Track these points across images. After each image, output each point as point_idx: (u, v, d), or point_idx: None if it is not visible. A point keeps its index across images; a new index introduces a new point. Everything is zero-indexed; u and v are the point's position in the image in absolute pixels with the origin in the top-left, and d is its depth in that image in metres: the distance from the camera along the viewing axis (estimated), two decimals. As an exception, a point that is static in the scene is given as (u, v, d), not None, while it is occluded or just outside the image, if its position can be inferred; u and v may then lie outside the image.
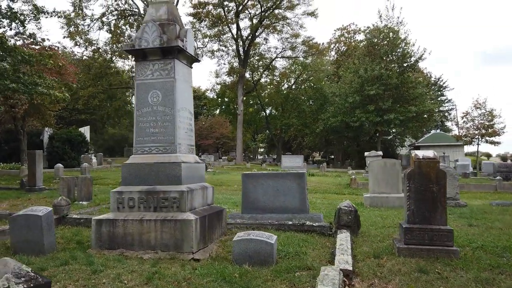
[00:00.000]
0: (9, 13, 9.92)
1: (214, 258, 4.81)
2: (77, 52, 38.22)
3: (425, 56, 33.32)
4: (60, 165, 18.12)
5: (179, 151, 5.45)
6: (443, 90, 59.21)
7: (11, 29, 10.42)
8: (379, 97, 32.04)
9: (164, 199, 5.14)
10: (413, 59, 33.77)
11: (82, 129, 26.46)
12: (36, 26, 14.47)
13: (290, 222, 6.12)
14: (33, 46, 17.21)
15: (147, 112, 5.52)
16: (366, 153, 24.14)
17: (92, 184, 9.15)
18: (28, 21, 10.68)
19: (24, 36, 13.84)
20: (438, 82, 58.27)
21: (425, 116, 34.17)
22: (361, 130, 37.44)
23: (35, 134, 23.73)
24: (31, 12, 10.50)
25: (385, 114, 31.76)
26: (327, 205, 9.29)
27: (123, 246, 5.03)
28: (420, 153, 4.77)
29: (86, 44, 36.87)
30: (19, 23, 10.34)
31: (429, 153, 4.79)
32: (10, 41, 10.41)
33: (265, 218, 6.48)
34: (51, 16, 11.53)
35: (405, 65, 33.57)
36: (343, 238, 5.15)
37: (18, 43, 14.85)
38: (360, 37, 51.07)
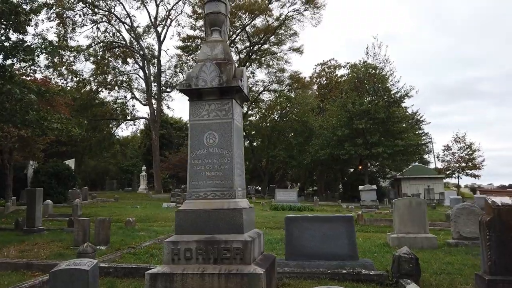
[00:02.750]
0: (24, 46, 9.51)
1: (285, 316, 4.40)
2: (61, 84, 37.29)
3: (411, 93, 34.48)
4: (49, 201, 17.14)
5: (237, 196, 5.12)
6: (421, 124, 61.36)
7: (26, 62, 9.96)
8: (367, 130, 32.66)
9: (226, 250, 4.73)
10: (398, 95, 34.96)
11: (67, 162, 25.40)
12: (47, 59, 13.90)
13: (345, 271, 5.78)
14: (24, 77, 16.62)
15: (202, 155, 5.19)
16: (360, 187, 24.20)
17: (110, 227, 8.53)
18: (47, 55, 10.27)
19: (20, 68, 13.32)
20: (415, 116, 60.41)
21: (411, 149, 34.93)
22: (349, 162, 37.81)
23: (18, 168, 22.54)
24: (43, 45, 10.11)
25: (373, 148, 32.31)
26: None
27: (182, 304, 4.54)
28: (498, 200, 4.63)
29: (71, 75, 36.19)
30: (31, 58, 9.91)
31: (506, 199, 4.66)
32: (15, 73, 9.97)
33: (313, 266, 6.11)
34: (64, 50, 11.23)
35: (391, 100, 34.65)
36: (416, 290, 4.85)
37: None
38: (340, 72, 52.91)
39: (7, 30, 9.41)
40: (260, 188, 57.71)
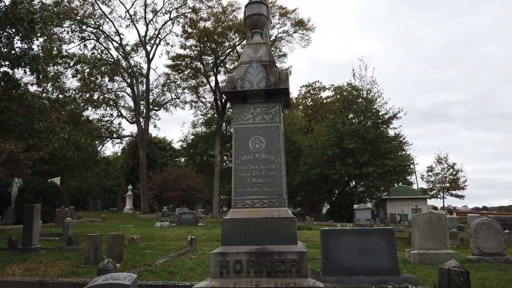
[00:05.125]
0: (30, 55, 9.10)
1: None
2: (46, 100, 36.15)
3: (400, 115, 35.03)
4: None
5: (285, 204, 4.80)
6: (403, 145, 62.46)
7: (34, 72, 9.46)
8: (356, 150, 32.86)
9: (280, 262, 4.37)
10: (386, 116, 35.49)
11: (54, 180, 24.37)
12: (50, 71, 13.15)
13: (390, 286, 5.48)
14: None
15: (248, 160, 4.89)
16: (355, 206, 24.12)
17: (123, 243, 7.97)
18: (51, 67, 9.86)
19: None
20: (398, 138, 61.51)
21: (399, 169, 35.28)
22: (339, 182, 37.76)
23: (1, 186, 21.42)
24: (46, 56, 9.69)
25: (362, 167, 32.46)
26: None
27: (234, 322, 4.13)
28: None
29: (56, 91, 35.22)
30: (35, 69, 9.46)
31: None
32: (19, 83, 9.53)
33: (354, 281, 5.79)
34: (75, 63, 10.96)
35: (379, 121, 35.16)
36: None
37: None
38: (325, 94, 53.75)
39: (12, 39, 8.97)
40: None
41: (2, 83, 9.10)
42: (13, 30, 8.91)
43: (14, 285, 5.93)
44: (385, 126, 35.54)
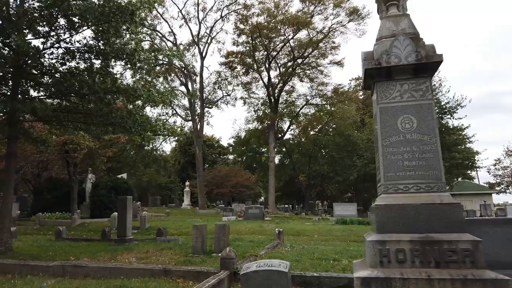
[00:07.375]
0: (129, 48, 9.34)
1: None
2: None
3: (464, 103, 32.89)
4: (116, 213, 16.80)
5: (445, 189, 4.37)
6: (466, 138, 58.89)
7: (130, 64, 9.76)
8: (420, 143, 31.35)
9: (451, 252, 3.95)
10: (448, 105, 33.52)
11: (123, 176, 25.31)
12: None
13: (553, 281, 4.86)
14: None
15: (397, 142, 4.50)
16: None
17: (229, 234, 7.90)
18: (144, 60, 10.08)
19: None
20: (460, 129, 58.05)
21: (466, 163, 33.29)
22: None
23: (78, 182, 22.50)
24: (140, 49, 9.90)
25: (426, 161, 30.90)
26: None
27: (406, 316, 3.77)
28: None
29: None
30: (135, 62, 9.70)
31: None
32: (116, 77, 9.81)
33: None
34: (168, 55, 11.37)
35: (442, 112, 33.27)
36: None
37: None
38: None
39: (109, 32, 9.19)
40: (287, 206, 55.93)
41: (101, 77, 9.37)
42: (106, 25, 9.12)
43: (139, 272, 5.97)
44: (449, 116, 33.52)
